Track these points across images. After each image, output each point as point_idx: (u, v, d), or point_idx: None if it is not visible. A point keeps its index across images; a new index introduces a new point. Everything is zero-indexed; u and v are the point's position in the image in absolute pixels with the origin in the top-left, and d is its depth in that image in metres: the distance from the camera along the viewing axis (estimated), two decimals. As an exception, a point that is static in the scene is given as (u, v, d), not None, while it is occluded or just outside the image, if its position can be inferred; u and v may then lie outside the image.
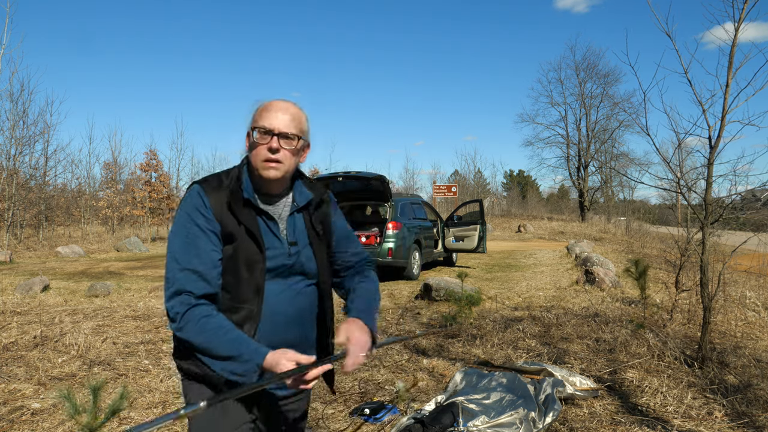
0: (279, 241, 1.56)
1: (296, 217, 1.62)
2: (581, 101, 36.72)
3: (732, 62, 4.17)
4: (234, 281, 1.50)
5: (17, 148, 19.44)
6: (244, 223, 1.51)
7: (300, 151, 1.58)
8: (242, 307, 1.50)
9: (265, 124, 1.50)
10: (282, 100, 1.58)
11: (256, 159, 1.52)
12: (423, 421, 3.13)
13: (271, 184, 1.56)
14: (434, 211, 12.38)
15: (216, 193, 1.52)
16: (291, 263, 1.56)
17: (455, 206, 18.90)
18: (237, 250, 1.50)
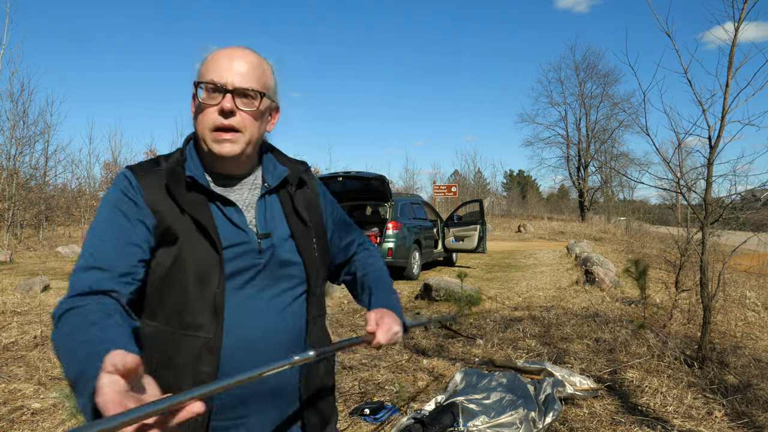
0: (243, 233, 1.13)
1: (268, 201, 1.20)
2: (581, 101, 36.74)
3: (732, 62, 4.17)
4: (181, 299, 1.06)
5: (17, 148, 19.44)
6: (189, 212, 1.08)
7: (265, 114, 1.17)
8: (195, 336, 1.05)
9: (214, 78, 1.09)
10: (238, 46, 1.15)
11: (202, 127, 1.11)
12: (423, 421, 3.13)
13: (226, 163, 1.15)
14: (434, 211, 12.38)
15: (150, 175, 1.11)
16: (263, 262, 1.12)
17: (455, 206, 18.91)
18: (182, 252, 1.06)
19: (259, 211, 1.17)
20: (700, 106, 4.30)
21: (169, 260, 1.07)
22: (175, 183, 1.10)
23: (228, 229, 1.12)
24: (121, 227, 1.05)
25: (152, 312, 1.09)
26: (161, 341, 1.06)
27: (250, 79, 1.11)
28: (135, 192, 1.09)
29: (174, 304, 1.07)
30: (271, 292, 1.13)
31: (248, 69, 1.12)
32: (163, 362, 1.05)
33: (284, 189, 1.23)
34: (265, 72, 1.16)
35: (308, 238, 1.20)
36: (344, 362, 4.56)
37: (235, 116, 1.10)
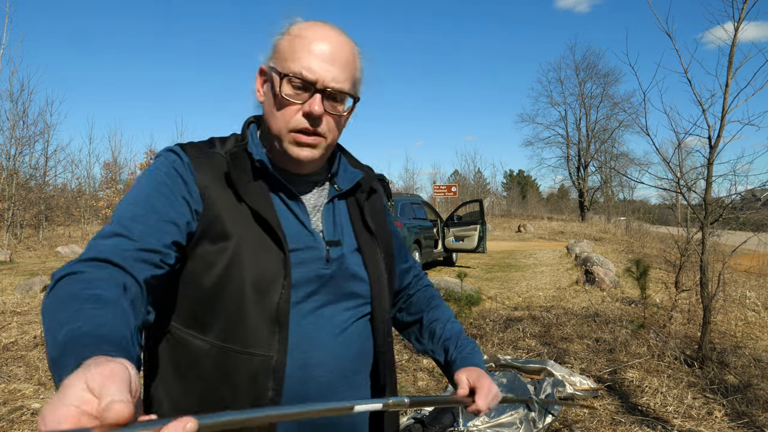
0: (311, 236, 0.97)
1: (337, 206, 1.05)
2: (581, 101, 36.75)
3: (732, 62, 4.17)
4: (236, 308, 0.89)
5: (17, 148, 19.44)
6: (250, 204, 0.92)
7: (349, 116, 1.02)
8: (249, 354, 0.89)
9: (304, 71, 0.91)
10: (331, 26, 0.96)
11: (280, 126, 0.95)
12: (423, 421, 3.13)
13: (301, 165, 1.00)
14: (434, 211, 12.38)
15: (203, 156, 0.96)
16: (329, 273, 0.96)
17: (455, 206, 18.92)
18: (239, 251, 0.89)
19: (326, 216, 1.02)
20: (700, 106, 4.30)
21: (224, 261, 0.89)
22: (238, 168, 0.94)
23: (294, 229, 0.95)
24: (160, 201, 0.88)
25: (204, 325, 0.90)
26: (216, 360, 0.89)
27: (345, 77, 0.94)
28: (185, 170, 0.92)
29: (228, 316, 0.89)
30: (332, 309, 0.97)
31: (344, 64, 0.94)
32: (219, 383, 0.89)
33: (353, 196, 1.08)
34: (357, 65, 0.98)
35: (376, 254, 1.04)
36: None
37: (322, 122, 0.94)
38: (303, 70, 0.91)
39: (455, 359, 1.10)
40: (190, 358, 0.91)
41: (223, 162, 0.95)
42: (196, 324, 0.91)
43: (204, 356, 0.90)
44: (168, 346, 0.94)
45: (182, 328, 0.93)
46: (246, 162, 0.96)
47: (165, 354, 0.94)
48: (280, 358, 0.89)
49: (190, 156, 0.95)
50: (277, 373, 0.89)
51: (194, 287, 0.91)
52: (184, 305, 0.92)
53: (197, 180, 0.92)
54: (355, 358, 0.99)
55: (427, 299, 1.24)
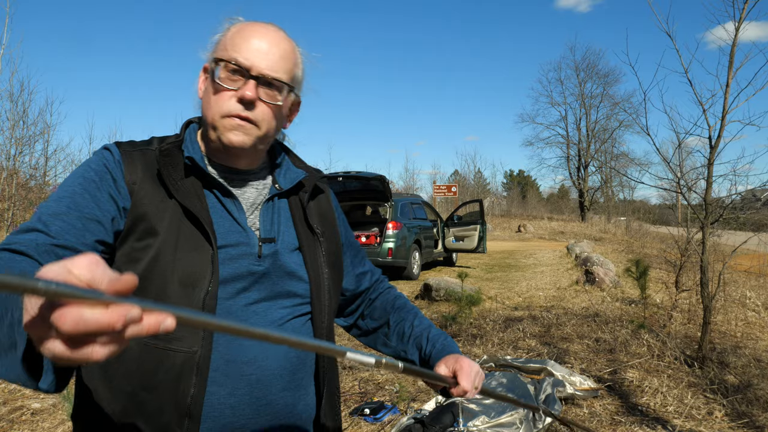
0: (243, 232, 0.97)
1: (277, 205, 1.05)
2: (581, 101, 36.76)
3: (732, 62, 4.17)
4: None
5: (17, 148, 19.42)
6: (179, 200, 0.92)
7: (287, 111, 1.03)
8: (173, 351, 0.87)
9: (239, 57, 0.93)
10: (270, 24, 1.00)
11: (213, 112, 0.96)
12: (423, 421, 3.13)
13: (232, 155, 1.00)
14: (434, 211, 12.38)
15: (136, 152, 0.96)
16: (262, 270, 0.96)
17: (455, 206, 18.92)
18: (165, 246, 0.89)
19: (264, 214, 1.02)
20: (700, 106, 4.31)
21: (149, 256, 0.88)
22: (169, 165, 0.95)
23: (225, 225, 0.96)
24: (85, 198, 0.87)
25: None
26: (139, 357, 0.88)
27: (280, 67, 0.96)
28: (115, 166, 0.93)
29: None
30: (267, 306, 0.95)
31: (281, 55, 0.96)
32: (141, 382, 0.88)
33: (296, 195, 1.08)
34: (297, 61, 1.01)
35: (318, 254, 1.04)
36: (344, 362, 4.56)
37: (255, 107, 0.95)
38: (238, 57, 0.93)
39: (430, 353, 1.10)
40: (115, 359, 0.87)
41: (154, 158, 0.96)
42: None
43: (127, 356, 0.88)
44: None
45: None
46: (179, 159, 0.96)
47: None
48: (204, 353, 0.88)
49: (122, 152, 0.95)
50: (201, 368, 0.87)
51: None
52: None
53: (125, 176, 0.92)
54: (291, 357, 0.97)
55: (391, 301, 1.23)
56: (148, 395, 0.88)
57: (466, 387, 0.99)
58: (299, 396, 0.99)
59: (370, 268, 1.25)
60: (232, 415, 0.91)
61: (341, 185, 10.28)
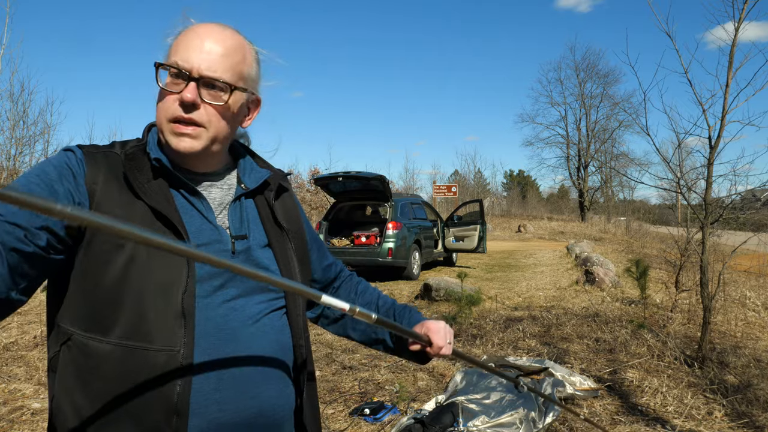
0: (214, 230, 0.98)
1: (244, 204, 1.06)
2: (581, 101, 36.78)
3: (732, 62, 4.17)
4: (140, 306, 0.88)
5: (17, 148, 19.42)
6: (146, 200, 0.92)
7: (238, 110, 1.01)
8: (155, 351, 0.88)
9: (179, 60, 0.93)
10: (218, 24, 0.99)
11: (161, 117, 0.96)
12: (423, 421, 3.13)
13: (186, 159, 1.00)
14: (434, 211, 12.38)
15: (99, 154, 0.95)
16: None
17: (455, 206, 18.92)
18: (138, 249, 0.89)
19: (232, 213, 1.03)
20: (700, 106, 4.31)
21: (122, 259, 0.88)
22: (134, 168, 0.94)
23: (195, 224, 0.96)
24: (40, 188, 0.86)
25: (106, 327, 0.88)
26: (120, 359, 0.88)
27: (221, 66, 0.95)
28: (76, 165, 0.91)
29: (131, 315, 0.87)
30: (244, 301, 0.97)
31: (222, 53, 0.95)
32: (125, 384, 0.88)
33: (262, 195, 1.09)
34: (245, 58, 0.99)
35: (288, 249, 1.07)
36: (344, 362, 4.56)
37: (197, 109, 0.94)
38: (179, 60, 0.93)
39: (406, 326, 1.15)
40: (92, 362, 0.89)
41: (118, 161, 0.95)
42: (95, 326, 0.89)
43: (106, 358, 0.88)
44: (69, 354, 0.91)
45: (82, 333, 0.90)
46: (144, 162, 0.96)
47: (66, 363, 0.91)
48: (186, 352, 0.89)
49: (84, 153, 0.94)
50: (185, 366, 0.88)
51: (91, 288, 0.89)
52: (82, 308, 0.90)
53: (87, 176, 0.91)
54: (271, 350, 0.99)
55: (354, 286, 1.28)
56: (133, 396, 0.88)
57: (440, 343, 1.07)
58: (281, 388, 1.01)
59: (333, 260, 1.30)
60: (219, 410, 0.91)
61: (341, 185, 10.28)
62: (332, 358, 4.70)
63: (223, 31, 0.98)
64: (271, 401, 0.99)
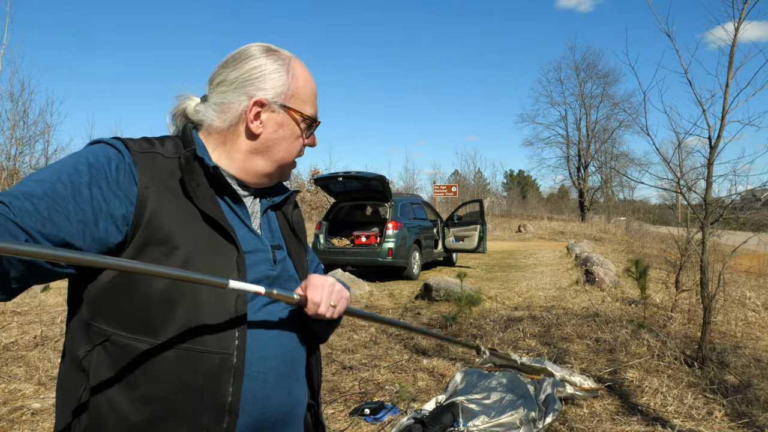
0: (258, 239, 1.05)
1: (270, 216, 1.15)
2: (581, 101, 36.79)
3: (732, 62, 4.17)
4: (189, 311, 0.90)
5: (17, 149, 19.41)
6: (198, 204, 0.95)
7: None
8: (209, 353, 0.91)
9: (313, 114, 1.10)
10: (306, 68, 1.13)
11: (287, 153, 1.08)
12: (423, 421, 3.13)
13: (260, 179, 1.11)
14: (434, 211, 12.38)
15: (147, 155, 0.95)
16: (276, 274, 1.04)
17: (455, 206, 18.92)
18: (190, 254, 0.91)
19: (263, 223, 1.11)
20: (700, 106, 4.31)
21: (177, 261, 0.90)
22: (190, 173, 0.96)
23: (243, 233, 1.02)
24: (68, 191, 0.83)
25: (156, 329, 0.89)
26: (174, 362, 0.89)
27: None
28: (124, 170, 0.90)
29: (185, 318, 0.89)
30: (277, 306, 1.03)
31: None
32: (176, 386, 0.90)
33: (280, 209, 1.18)
34: None
35: (303, 258, 1.17)
36: (344, 362, 4.56)
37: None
38: (313, 113, 1.10)
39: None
40: (138, 365, 0.89)
41: (167, 164, 0.96)
42: (145, 329, 0.89)
43: (157, 361, 0.89)
44: (107, 356, 0.90)
45: (126, 335, 0.89)
46: (196, 167, 0.98)
47: (103, 365, 0.90)
48: (239, 355, 0.93)
49: (132, 153, 0.93)
50: (238, 369, 0.92)
51: (141, 292, 0.89)
52: (129, 310, 0.89)
53: (139, 180, 0.91)
54: (297, 350, 1.06)
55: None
56: (184, 398, 0.90)
57: (315, 299, 1.00)
58: (304, 385, 1.10)
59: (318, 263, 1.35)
60: (263, 407, 0.97)
61: (341, 185, 10.28)
62: (332, 358, 4.70)
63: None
64: (300, 398, 1.08)
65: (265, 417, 0.97)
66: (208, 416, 0.90)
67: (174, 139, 1.04)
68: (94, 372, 0.91)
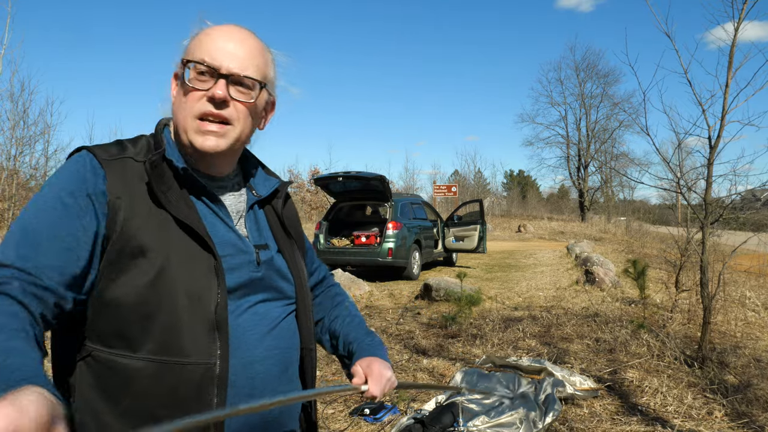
0: (239, 240, 0.98)
1: (257, 212, 1.07)
2: (581, 101, 36.80)
3: (732, 62, 4.17)
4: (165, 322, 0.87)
5: (17, 149, 19.40)
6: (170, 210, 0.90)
7: (261, 109, 1.02)
8: (190, 365, 0.87)
9: (206, 57, 0.92)
10: (234, 25, 0.99)
11: (185, 115, 0.94)
12: (423, 421, 3.13)
13: (207, 160, 0.99)
14: (434, 211, 12.38)
15: (116, 162, 0.91)
16: (260, 276, 0.98)
17: (455, 206, 18.92)
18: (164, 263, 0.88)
19: (249, 221, 1.04)
20: (699, 106, 4.31)
21: (149, 275, 0.86)
22: (158, 177, 0.91)
23: (222, 235, 0.96)
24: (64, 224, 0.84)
25: (135, 343, 0.86)
26: (155, 375, 0.87)
27: (250, 65, 0.95)
28: (94, 181, 0.88)
29: (163, 329, 0.86)
30: (265, 307, 0.99)
31: (249, 53, 0.96)
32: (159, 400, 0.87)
33: (269, 203, 1.10)
34: (267, 60, 1.01)
35: (296, 255, 1.09)
36: (344, 362, 4.56)
37: (227, 106, 0.93)
38: (206, 57, 0.93)
39: (354, 351, 1.14)
40: (120, 379, 0.87)
41: (138, 169, 0.92)
42: (123, 343, 0.87)
43: (138, 375, 0.86)
44: (90, 372, 0.89)
45: (105, 350, 0.88)
46: (164, 169, 0.93)
47: (86, 380, 0.89)
48: (222, 363, 0.89)
49: (101, 162, 0.90)
50: (221, 378, 0.89)
51: (115, 306, 0.87)
52: (105, 326, 0.88)
53: (108, 190, 0.88)
54: (288, 352, 1.02)
55: (331, 297, 1.27)
56: (168, 411, 0.87)
57: (375, 393, 1.03)
58: (293, 387, 1.05)
59: (319, 264, 1.30)
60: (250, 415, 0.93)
61: (341, 185, 10.27)
62: (332, 358, 4.70)
63: (243, 31, 0.98)
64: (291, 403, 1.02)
65: (253, 422, 0.94)
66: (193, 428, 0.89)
67: (148, 138, 1.00)
68: (79, 387, 0.90)
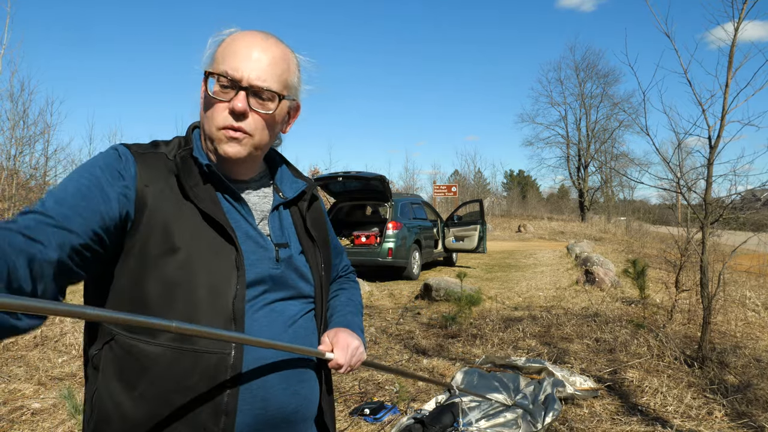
0: (260, 237, 1.02)
1: (282, 213, 1.10)
2: (581, 101, 36.78)
3: (732, 62, 4.17)
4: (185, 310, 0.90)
5: (17, 148, 19.36)
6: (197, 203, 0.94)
7: (281, 118, 1.05)
8: (206, 353, 0.91)
9: (228, 69, 0.95)
10: (261, 32, 1.01)
11: (209, 124, 0.98)
12: (423, 421, 3.13)
13: (229, 164, 1.03)
14: (434, 211, 12.38)
15: (149, 155, 0.97)
16: (279, 273, 1.01)
17: (455, 206, 18.91)
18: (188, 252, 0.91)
19: (272, 221, 1.07)
20: (699, 106, 4.30)
21: (174, 263, 0.90)
22: (186, 172, 0.96)
23: (243, 230, 0.99)
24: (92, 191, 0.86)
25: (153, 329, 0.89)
26: (171, 361, 0.90)
27: (269, 76, 0.97)
28: (126, 168, 0.92)
29: (181, 317, 0.89)
30: (283, 305, 1.02)
31: (269, 63, 0.97)
32: (175, 385, 0.90)
33: (296, 204, 1.14)
34: (289, 67, 1.02)
35: (317, 257, 1.12)
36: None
37: (246, 118, 0.97)
38: (228, 69, 0.96)
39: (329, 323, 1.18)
40: (139, 364, 0.91)
41: (168, 163, 0.98)
42: (143, 329, 0.90)
43: (155, 361, 0.90)
44: (112, 355, 0.93)
45: (128, 334, 0.91)
46: (192, 165, 0.98)
47: (109, 363, 0.93)
48: (237, 354, 0.92)
49: (133, 153, 0.95)
50: (235, 369, 0.92)
51: (139, 291, 0.91)
52: (128, 310, 0.90)
53: (137, 178, 0.92)
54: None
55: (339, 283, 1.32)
56: (182, 397, 0.90)
57: (339, 361, 1.05)
58: (312, 386, 1.07)
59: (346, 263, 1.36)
60: (264, 408, 0.96)
61: (341, 185, 10.27)
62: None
63: (268, 39, 1.00)
64: (309, 399, 1.05)
65: (266, 417, 0.96)
66: (206, 415, 0.91)
67: (180, 138, 1.06)
68: (103, 370, 0.93)
